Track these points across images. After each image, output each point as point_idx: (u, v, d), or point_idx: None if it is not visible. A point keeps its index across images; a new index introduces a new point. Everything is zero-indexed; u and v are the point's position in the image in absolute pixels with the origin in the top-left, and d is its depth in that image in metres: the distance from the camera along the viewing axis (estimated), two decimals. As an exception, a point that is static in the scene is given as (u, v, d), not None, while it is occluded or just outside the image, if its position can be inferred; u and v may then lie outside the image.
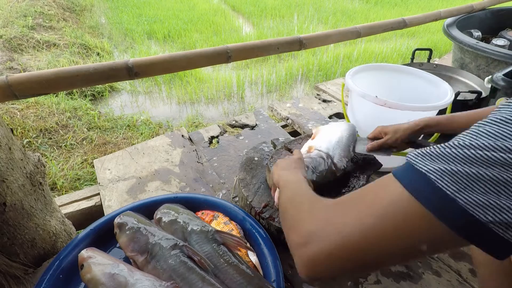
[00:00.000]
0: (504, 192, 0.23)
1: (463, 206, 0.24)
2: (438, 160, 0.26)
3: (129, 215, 0.67)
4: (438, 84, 0.97)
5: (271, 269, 0.61)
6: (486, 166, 0.24)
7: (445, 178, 0.25)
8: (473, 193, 0.24)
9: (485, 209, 0.24)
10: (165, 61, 0.77)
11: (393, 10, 5.03)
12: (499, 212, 0.23)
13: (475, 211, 0.24)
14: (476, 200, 0.24)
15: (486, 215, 0.24)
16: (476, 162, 0.24)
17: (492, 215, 0.23)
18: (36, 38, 3.18)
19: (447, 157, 0.26)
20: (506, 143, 0.24)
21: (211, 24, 4.15)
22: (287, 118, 1.35)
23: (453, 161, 0.26)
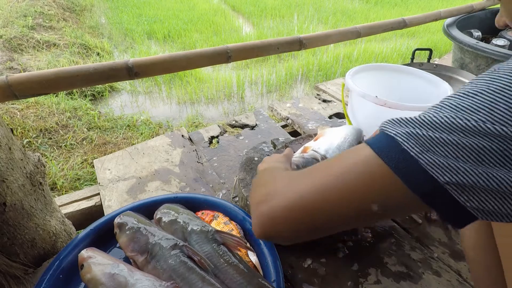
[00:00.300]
0: (462, 156, 0.25)
1: (424, 167, 0.26)
2: (405, 125, 0.29)
3: (129, 215, 0.67)
4: (438, 84, 0.97)
5: (271, 269, 0.61)
6: (448, 132, 0.26)
7: (411, 141, 0.27)
8: (435, 155, 0.26)
9: (444, 170, 0.26)
10: (165, 61, 0.77)
11: (393, 10, 5.03)
12: (456, 173, 0.25)
13: (434, 171, 0.26)
14: (437, 161, 0.26)
15: (444, 175, 0.26)
16: (440, 128, 0.27)
17: (449, 176, 0.25)
18: (36, 38, 3.18)
19: (414, 123, 0.28)
20: (466, 115, 0.26)
21: (211, 24, 4.15)
22: (287, 118, 1.35)
23: (419, 126, 0.28)
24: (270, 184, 0.37)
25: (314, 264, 0.71)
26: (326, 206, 0.31)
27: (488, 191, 0.25)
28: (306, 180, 0.33)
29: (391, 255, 0.74)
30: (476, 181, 0.25)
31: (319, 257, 0.72)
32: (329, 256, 0.72)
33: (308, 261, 0.71)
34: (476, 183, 0.25)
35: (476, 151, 0.25)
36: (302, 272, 0.69)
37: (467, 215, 0.27)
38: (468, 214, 0.26)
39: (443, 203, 0.27)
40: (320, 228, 0.33)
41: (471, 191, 0.26)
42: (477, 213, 0.26)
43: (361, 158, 0.30)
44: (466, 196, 0.26)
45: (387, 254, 0.74)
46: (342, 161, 0.32)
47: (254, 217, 0.35)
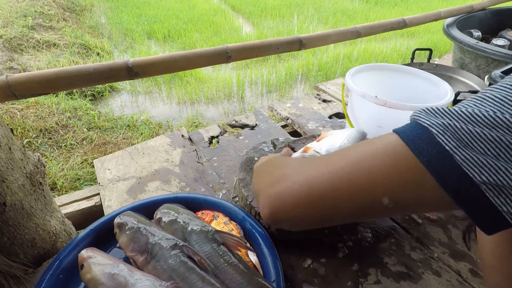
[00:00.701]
0: (503, 154, 0.23)
1: (459, 163, 0.24)
2: (442, 116, 0.26)
3: (129, 215, 0.67)
4: (438, 84, 0.97)
5: (271, 269, 0.61)
6: (489, 127, 0.23)
7: (447, 134, 0.25)
8: (473, 151, 0.24)
9: (481, 168, 0.23)
10: (165, 61, 0.77)
11: (393, 10, 5.03)
12: (495, 173, 0.23)
13: (470, 169, 0.24)
14: (474, 158, 0.24)
15: (480, 174, 0.23)
16: (480, 123, 0.24)
17: (487, 175, 0.23)
18: (36, 38, 3.18)
19: (452, 115, 0.26)
20: (510, 109, 0.23)
21: (211, 24, 4.15)
22: (287, 118, 1.35)
23: (457, 118, 0.25)
24: (280, 168, 0.36)
25: (314, 264, 0.71)
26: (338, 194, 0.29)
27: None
28: (322, 165, 0.31)
29: (391, 255, 0.74)
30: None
31: (319, 257, 0.72)
32: (329, 256, 0.72)
33: (308, 261, 0.71)
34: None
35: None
36: (302, 272, 0.69)
37: (500, 220, 0.24)
38: (502, 219, 0.24)
39: (475, 205, 0.24)
40: (329, 216, 0.31)
41: (509, 194, 0.23)
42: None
43: (386, 146, 0.28)
44: (503, 199, 0.23)
45: (387, 254, 0.74)
46: (363, 147, 0.30)
47: (263, 198, 0.34)
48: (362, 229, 0.79)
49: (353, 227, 0.80)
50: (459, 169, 0.24)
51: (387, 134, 0.29)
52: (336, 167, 0.30)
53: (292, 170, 0.34)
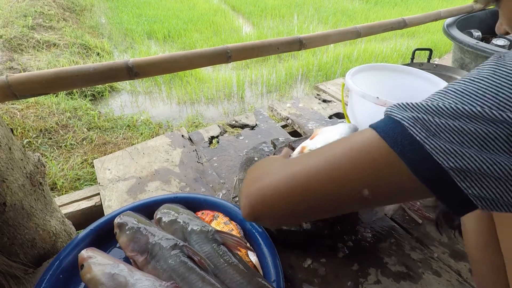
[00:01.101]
0: (466, 141, 0.25)
1: (430, 151, 0.26)
2: (412, 110, 0.28)
3: (129, 215, 0.67)
4: (438, 84, 0.97)
5: (271, 269, 0.61)
6: (453, 118, 0.26)
7: (417, 126, 0.27)
8: (440, 140, 0.26)
9: (448, 155, 0.26)
10: (165, 61, 0.77)
11: (393, 10, 5.03)
12: (460, 159, 0.25)
13: (439, 156, 0.26)
14: (442, 146, 0.26)
15: (448, 161, 0.26)
16: (445, 114, 0.26)
17: (453, 161, 0.25)
18: (36, 38, 3.19)
19: (420, 109, 0.28)
20: (471, 101, 0.26)
21: (211, 24, 4.15)
22: (287, 118, 1.35)
23: (425, 112, 0.27)
24: (262, 169, 0.37)
25: (314, 264, 0.71)
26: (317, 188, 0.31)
27: (491, 177, 0.25)
28: (300, 161, 0.33)
29: (391, 255, 0.74)
30: (480, 167, 0.25)
31: (319, 257, 0.72)
32: (329, 256, 0.72)
33: (308, 261, 0.71)
34: (479, 169, 0.25)
35: (481, 137, 0.25)
36: (302, 272, 0.69)
37: (467, 203, 0.26)
38: (469, 202, 0.26)
39: (445, 190, 0.27)
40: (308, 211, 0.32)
41: (473, 177, 0.25)
42: (477, 201, 0.26)
43: (363, 140, 0.30)
44: (468, 183, 0.26)
45: (387, 254, 0.74)
46: (342, 143, 0.32)
47: (243, 197, 0.35)
48: (362, 229, 0.79)
49: (353, 227, 0.80)
50: (429, 157, 0.26)
51: (364, 130, 0.31)
52: (315, 161, 0.32)
53: (273, 168, 0.35)
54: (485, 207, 0.26)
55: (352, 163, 0.30)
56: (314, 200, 0.31)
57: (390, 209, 0.82)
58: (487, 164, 0.25)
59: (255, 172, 0.38)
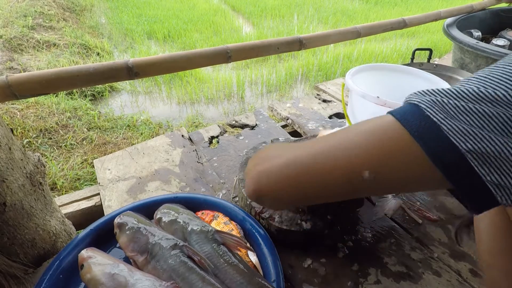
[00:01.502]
0: (487, 125, 0.24)
1: (446, 133, 0.25)
2: (430, 95, 0.28)
3: (129, 215, 0.67)
4: (438, 84, 0.97)
5: (271, 269, 0.61)
6: (474, 101, 0.25)
7: (435, 107, 0.26)
8: (459, 122, 0.25)
9: (467, 137, 0.25)
10: (165, 61, 0.77)
11: (393, 10, 5.03)
12: (479, 141, 0.24)
13: (457, 138, 0.25)
14: (460, 128, 0.25)
15: (466, 143, 0.24)
16: (466, 98, 0.25)
17: (472, 143, 0.24)
18: (36, 38, 3.19)
19: (440, 93, 0.27)
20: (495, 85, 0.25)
21: (211, 24, 4.15)
22: (287, 118, 1.35)
23: (445, 95, 0.27)
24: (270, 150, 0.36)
25: (314, 264, 0.71)
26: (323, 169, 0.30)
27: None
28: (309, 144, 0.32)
29: (391, 255, 0.74)
30: (501, 151, 0.23)
31: (319, 257, 0.72)
32: (329, 256, 0.72)
33: (308, 261, 0.71)
34: (500, 153, 0.24)
35: (504, 121, 0.24)
36: (302, 272, 0.69)
37: (486, 194, 0.25)
38: (488, 193, 0.25)
39: (461, 176, 0.25)
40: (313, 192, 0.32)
41: (493, 163, 0.24)
42: (497, 190, 0.24)
43: (379, 123, 0.29)
44: (487, 169, 0.24)
45: (387, 254, 0.74)
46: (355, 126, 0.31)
47: (249, 177, 0.34)
48: (362, 229, 0.79)
49: (353, 227, 0.80)
50: (446, 139, 0.25)
51: (381, 116, 0.30)
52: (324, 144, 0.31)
53: (280, 150, 0.34)
54: (505, 198, 0.24)
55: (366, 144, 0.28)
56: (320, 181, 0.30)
57: (390, 209, 0.82)
58: (509, 149, 0.23)
59: (262, 153, 0.37)
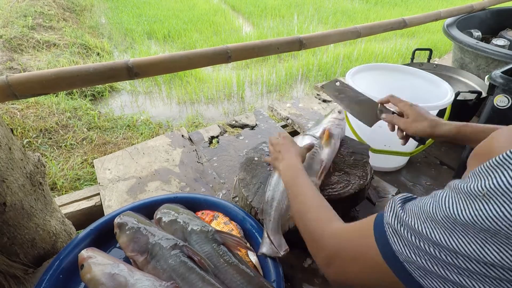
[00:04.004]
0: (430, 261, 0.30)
1: (402, 261, 0.32)
2: (406, 245, 0.32)
3: (129, 215, 0.67)
4: (438, 84, 0.97)
5: (271, 269, 0.61)
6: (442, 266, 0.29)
7: (411, 265, 0.31)
8: (433, 281, 0.30)
9: (418, 269, 0.30)
10: (165, 61, 0.77)
11: (393, 10, 5.03)
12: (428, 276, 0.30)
13: (410, 268, 0.31)
14: (437, 286, 0.29)
15: (416, 273, 0.30)
16: (434, 259, 0.29)
17: (422, 275, 0.30)
18: (36, 38, 3.19)
19: (412, 245, 0.31)
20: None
21: (211, 24, 4.15)
22: (287, 118, 1.35)
23: (417, 250, 0.31)
24: (319, 236, 0.45)
25: (314, 264, 0.71)
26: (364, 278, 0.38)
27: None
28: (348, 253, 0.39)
29: (391, 255, 0.73)
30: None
31: (319, 257, 0.72)
32: (329, 256, 0.72)
33: (308, 261, 0.71)
34: None
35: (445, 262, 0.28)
36: (302, 272, 0.69)
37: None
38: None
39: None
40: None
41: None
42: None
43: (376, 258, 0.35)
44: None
45: (387, 254, 0.74)
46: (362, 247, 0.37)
47: (323, 272, 0.44)
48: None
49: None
50: (404, 267, 0.32)
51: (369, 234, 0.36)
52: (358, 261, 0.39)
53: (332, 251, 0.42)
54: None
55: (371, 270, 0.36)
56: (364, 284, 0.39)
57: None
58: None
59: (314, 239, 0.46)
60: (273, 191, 0.68)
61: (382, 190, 0.89)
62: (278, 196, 0.67)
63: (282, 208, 0.66)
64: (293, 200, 0.55)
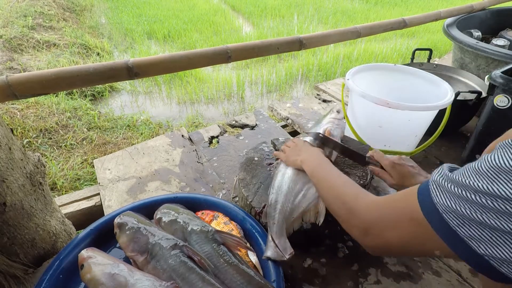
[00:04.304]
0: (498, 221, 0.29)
1: (462, 237, 0.31)
2: (447, 196, 0.33)
3: (129, 215, 0.67)
4: (438, 84, 0.97)
5: (271, 269, 0.61)
6: (481, 211, 0.29)
7: (450, 214, 0.32)
8: (469, 228, 0.30)
9: (480, 242, 0.30)
10: (165, 61, 0.77)
11: (393, 10, 5.03)
12: (490, 247, 0.29)
13: (471, 243, 0.30)
14: (472, 234, 0.30)
15: (479, 248, 0.30)
16: (474, 206, 0.30)
17: (484, 248, 0.30)
18: (36, 38, 3.19)
19: (453, 195, 0.32)
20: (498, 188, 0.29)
21: (211, 24, 4.15)
22: (287, 118, 1.35)
23: (457, 199, 0.31)
24: (353, 207, 0.46)
25: (314, 264, 0.71)
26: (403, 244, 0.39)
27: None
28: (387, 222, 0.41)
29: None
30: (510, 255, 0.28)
31: (319, 257, 0.72)
32: (329, 256, 0.72)
33: (308, 261, 0.71)
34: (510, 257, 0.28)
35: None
36: (302, 272, 0.69)
37: (505, 276, 0.29)
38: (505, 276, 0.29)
39: (486, 269, 0.30)
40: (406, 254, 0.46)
41: (507, 263, 0.28)
42: None
43: (415, 217, 0.36)
44: (507, 269, 0.28)
45: (387, 254, 0.74)
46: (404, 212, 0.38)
47: (360, 242, 0.45)
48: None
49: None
50: (463, 242, 0.31)
51: (413, 201, 0.37)
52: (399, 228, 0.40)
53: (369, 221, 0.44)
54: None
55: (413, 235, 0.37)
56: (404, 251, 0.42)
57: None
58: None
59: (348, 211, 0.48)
60: (276, 193, 0.68)
61: (382, 190, 0.89)
62: (281, 199, 0.67)
63: (286, 211, 0.66)
64: (321, 183, 0.58)
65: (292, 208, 0.66)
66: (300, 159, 0.67)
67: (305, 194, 0.67)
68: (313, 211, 0.66)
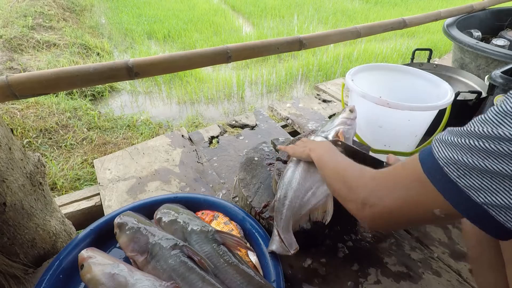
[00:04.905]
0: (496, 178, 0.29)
1: (462, 188, 0.31)
2: (448, 148, 0.33)
3: (129, 215, 0.67)
4: (438, 84, 0.97)
5: (271, 269, 0.61)
6: (483, 157, 0.29)
7: (451, 166, 0.32)
8: (470, 177, 0.30)
9: (479, 191, 0.30)
10: (165, 61, 0.77)
11: (393, 10, 5.03)
12: (491, 195, 0.29)
13: (471, 193, 0.30)
14: (473, 183, 0.30)
15: (479, 197, 0.30)
16: (476, 152, 0.30)
17: (484, 196, 0.29)
18: (36, 38, 3.18)
19: (456, 147, 0.32)
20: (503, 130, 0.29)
21: (211, 24, 4.15)
22: (287, 118, 1.35)
23: (459, 150, 0.32)
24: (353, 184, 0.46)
25: (314, 264, 0.71)
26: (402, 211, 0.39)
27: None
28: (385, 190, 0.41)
29: (391, 255, 0.73)
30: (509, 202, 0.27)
31: (319, 257, 0.72)
32: (329, 256, 0.72)
33: (308, 261, 0.71)
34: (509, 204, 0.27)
35: None
36: (302, 272, 0.69)
37: (507, 231, 0.29)
38: (509, 231, 0.28)
39: (483, 221, 0.30)
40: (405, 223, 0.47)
41: (508, 211, 0.28)
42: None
43: (416, 177, 0.36)
44: (504, 217, 0.28)
45: (387, 254, 0.74)
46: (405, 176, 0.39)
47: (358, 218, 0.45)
48: (362, 229, 0.79)
49: (353, 227, 0.80)
50: (463, 193, 0.31)
51: (415, 164, 0.37)
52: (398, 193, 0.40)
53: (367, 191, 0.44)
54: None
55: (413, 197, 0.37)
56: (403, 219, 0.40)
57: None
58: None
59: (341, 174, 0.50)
60: (286, 189, 0.67)
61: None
62: (291, 194, 0.66)
63: (295, 207, 0.65)
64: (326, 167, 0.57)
65: (300, 205, 0.66)
66: (308, 147, 0.66)
67: (315, 192, 0.67)
68: (321, 210, 0.66)
